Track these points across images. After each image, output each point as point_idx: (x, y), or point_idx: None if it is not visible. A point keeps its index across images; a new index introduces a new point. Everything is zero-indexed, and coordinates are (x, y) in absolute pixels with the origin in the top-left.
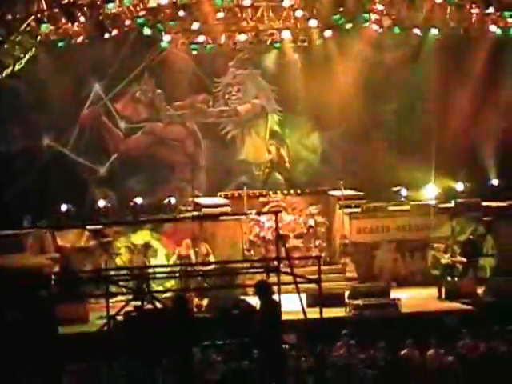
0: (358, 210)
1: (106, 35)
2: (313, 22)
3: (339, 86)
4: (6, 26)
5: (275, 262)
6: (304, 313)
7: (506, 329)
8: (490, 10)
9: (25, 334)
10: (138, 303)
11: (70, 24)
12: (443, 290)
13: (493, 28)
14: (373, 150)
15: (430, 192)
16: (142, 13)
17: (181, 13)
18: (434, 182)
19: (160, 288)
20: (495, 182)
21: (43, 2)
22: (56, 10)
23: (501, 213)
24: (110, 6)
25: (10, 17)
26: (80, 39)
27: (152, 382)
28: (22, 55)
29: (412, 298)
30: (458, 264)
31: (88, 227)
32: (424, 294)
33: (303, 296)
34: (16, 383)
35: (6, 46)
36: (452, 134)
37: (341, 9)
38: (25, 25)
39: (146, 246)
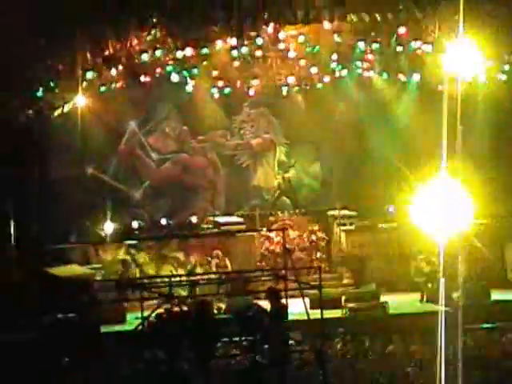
0: (353, 227)
1: (141, 80)
2: (314, 69)
3: (337, 123)
4: (56, 73)
5: (283, 272)
6: (307, 314)
7: (478, 327)
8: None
9: (72, 332)
10: (168, 306)
11: (110, 71)
12: (425, 294)
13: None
14: (364, 176)
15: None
16: (170, 62)
17: (205, 58)
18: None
19: (185, 293)
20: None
21: (88, 54)
22: (98, 60)
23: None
24: (144, 56)
25: (60, 67)
26: (119, 84)
27: (178, 374)
28: (70, 98)
29: (398, 302)
30: (436, 272)
31: (126, 242)
32: (408, 298)
33: (306, 300)
34: (61, 373)
35: (56, 91)
36: (431, 163)
37: (337, 58)
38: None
39: (174, 257)
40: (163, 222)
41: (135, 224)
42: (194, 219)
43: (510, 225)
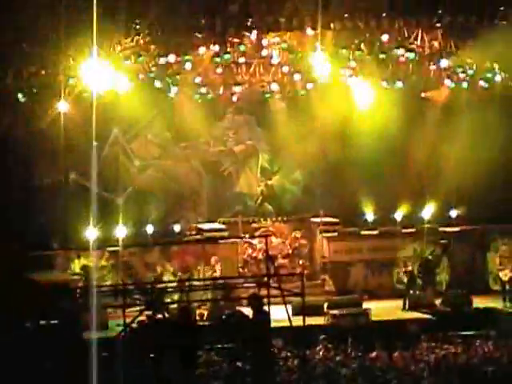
0: (335, 234)
1: (124, 88)
2: (297, 76)
3: (319, 130)
4: (38, 80)
5: (265, 278)
6: (290, 321)
7: (459, 334)
8: (445, 65)
9: (53, 339)
10: (150, 313)
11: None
12: (407, 301)
13: (447, 82)
14: (347, 183)
15: (396, 218)
16: (153, 68)
17: (188, 64)
18: (400, 209)
19: (168, 300)
20: (453, 212)
21: (71, 61)
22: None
23: (455, 237)
24: (127, 63)
25: (43, 72)
26: (101, 91)
27: (161, 379)
28: (53, 105)
29: (380, 309)
30: (418, 280)
31: (108, 249)
32: (391, 305)
33: (289, 307)
34: (44, 380)
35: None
36: (414, 170)
37: (320, 65)
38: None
39: (156, 264)
40: (149, 229)
41: (119, 231)
42: (177, 226)
43: (491, 231)
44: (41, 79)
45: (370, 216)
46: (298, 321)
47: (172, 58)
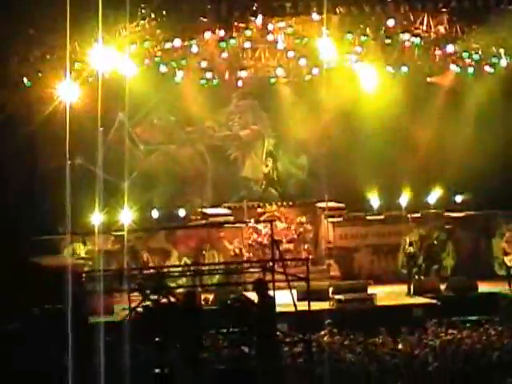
0: (341, 219)
1: (130, 73)
2: (302, 61)
3: (324, 115)
4: (44, 66)
5: (270, 263)
6: (295, 306)
7: (464, 319)
8: (450, 50)
9: (59, 323)
10: (155, 297)
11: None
12: (412, 286)
13: (453, 67)
14: (352, 168)
15: (401, 203)
16: (158, 53)
17: (193, 49)
18: (405, 194)
19: (173, 285)
20: (458, 197)
21: (77, 45)
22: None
23: (460, 222)
24: (132, 48)
25: (48, 57)
26: (107, 75)
27: (165, 364)
28: (58, 90)
29: (385, 294)
30: (423, 265)
31: (113, 233)
32: (395, 290)
33: (294, 292)
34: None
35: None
36: (419, 155)
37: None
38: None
39: (161, 249)
40: (154, 214)
41: (124, 215)
42: (182, 211)
43: (497, 217)
44: (46, 64)
45: (375, 201)
46: (303, 306)
47: (177, 42)
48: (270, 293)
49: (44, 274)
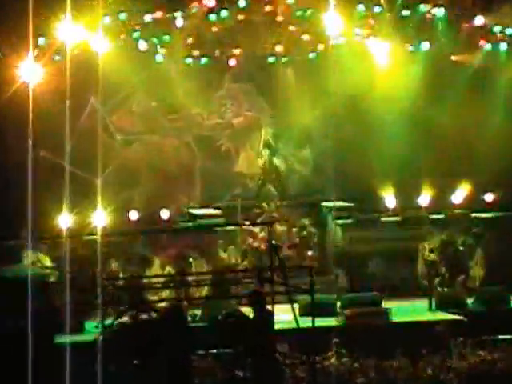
0: (350, 221)
1: (103, 50)
2: (305, 37)
3: (331, 100)
4: (4, 44)
5: (269, 273)
6: (297, 322)
7: (495, 338)
8: (479, 23)
9: (21, 344)
10: (133, 313)
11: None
12: (434, 299)
13: (482, 43)
14: (364, 162)
15: (421, 203)
16: (136, 27)
17: (178, 22)
18: (425, 193)
19: (155, 298)
20: (488, 195)
21: (42, 19)
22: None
23: (490, 224)
24: (106, 21)
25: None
26: (76, 52)
27: None
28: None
29: (403, 308)
30: (446, 274)
31: (85, 238)
32: (415, 304)
33: (296, 306)
34: None
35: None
36: (442, 147)
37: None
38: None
39: (142, 256)
40: (132, 215)
41: (97, 217)
42: (165, 212)
43: None
44: (6, 41)
45: (390, 200)
46: (306, 322)
47: (159, 14)
48: (268, 307)
49: (4, 286)
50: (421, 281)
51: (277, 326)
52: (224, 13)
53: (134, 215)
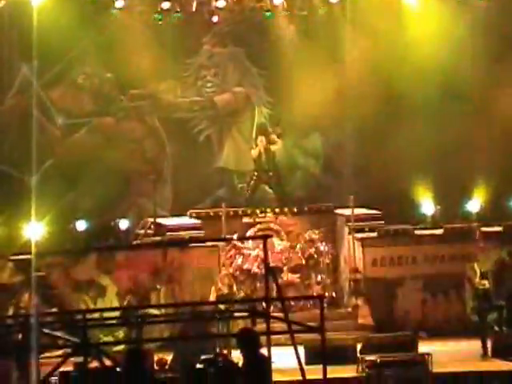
0: (374, 234)
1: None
2: None
3: (348, 70)
4: None
5: (263, 304)
6: (302, 372)
7: None
8: None
9: None
10: (80, 359)
11: None
12: (488, 342)
13: None
14: (391, 156)
15: (470, 210)
16: None
17: None
18: (476, 197)
19: (109, 339)
20: None
21: None
22: None
23: None
24: None
25: None
26: (1, 3)
27: None
28: None
29: (447, 354)
30: (505, 309)
31: (12, 258)
32: (462, 348)
33: (301, 349)
34: None
35: None
36: (498, 138)
37: None
38: None
39: (91, 282)
40: (79, 226)
41: (31, 229)
42: (123, 222)
43: None
44: None
45: (428, 207)
46: (314, 371)
47: None
48: (264, 351)
49: None
50: (470, 316)
51: (275, 377)
52: None
53: (81, 225)
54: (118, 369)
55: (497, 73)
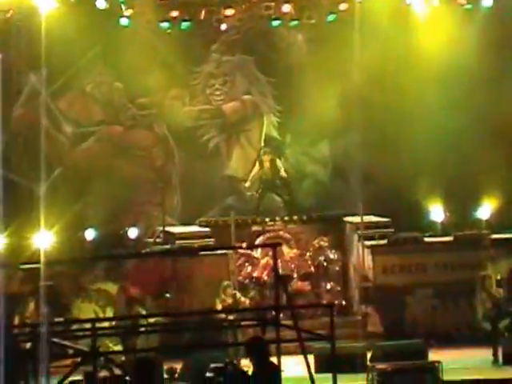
0: (384, 242)
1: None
2: None
3: (357, 78)
4: None
5: (273, 313)
6: (312, 380)
7: None
8: None
9: None
10: (89, 368)
11: None
12: (501, 351)
13: None
14: (401, 163)
15: (480, 217)
16: None
17: None
18: (486, 204)
19: (118, 348)
20: None
21: None
22: None
23: None
24: None
25: None
26: (9, 13)
27: None
28: None
29: (457, 362)
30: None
31: (22, 267)
32: (474, 357)
33: (311, 358)
34: None
35: None
36: (509, 142)
37: None
38: None
39: (100, 291)
40: (88, 235)
41: (40, 238)
42: (133, 230)
43: None
44: None
45: (438, 214)
46: (324, 380)
47: None
48: (273, 359)
49: None
50: (482, 324)
51: None
52: None
53: (90, 234)
54: (127, 377)
55: (505, 82)
